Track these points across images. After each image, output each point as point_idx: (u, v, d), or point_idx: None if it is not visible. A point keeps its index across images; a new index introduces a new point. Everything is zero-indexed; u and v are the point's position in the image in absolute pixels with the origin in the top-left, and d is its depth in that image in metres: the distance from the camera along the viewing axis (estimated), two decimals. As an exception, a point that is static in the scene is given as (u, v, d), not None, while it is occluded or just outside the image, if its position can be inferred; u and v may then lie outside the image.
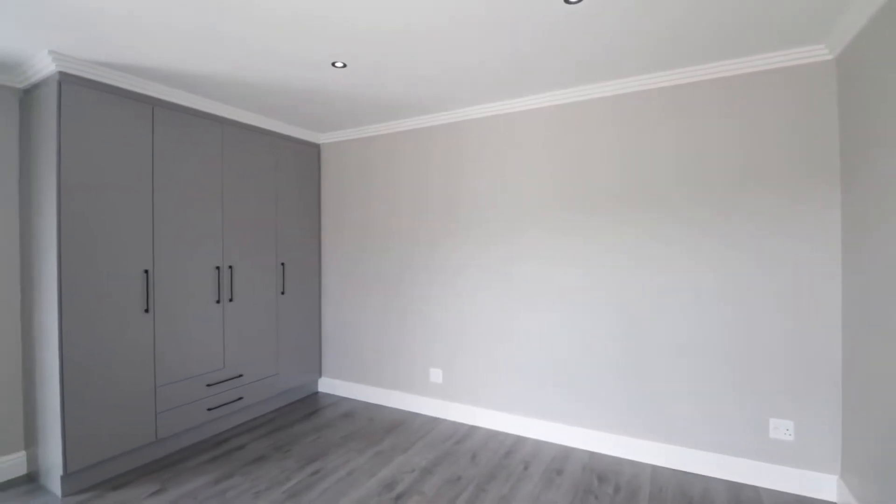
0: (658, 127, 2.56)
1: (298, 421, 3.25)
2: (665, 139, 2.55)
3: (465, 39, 2.10)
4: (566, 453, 2.71)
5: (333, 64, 2.37)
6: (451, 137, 3.25)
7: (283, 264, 3.51)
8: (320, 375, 3.90)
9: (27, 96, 2.44)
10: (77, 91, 2.28)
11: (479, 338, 3.14)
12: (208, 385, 2.92)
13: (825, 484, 2.18)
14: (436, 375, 3.32)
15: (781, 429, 2.27)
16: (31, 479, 2.42)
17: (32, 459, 2.44)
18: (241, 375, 3.14)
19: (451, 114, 3.20)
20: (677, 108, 2.51)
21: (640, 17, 1.90)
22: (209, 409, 2.92)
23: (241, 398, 3.13)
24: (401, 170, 3.49)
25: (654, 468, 2.52)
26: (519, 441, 2.89)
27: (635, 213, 2.62)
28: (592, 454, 2.70)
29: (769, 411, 2.31)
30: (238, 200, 3.14)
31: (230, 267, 3.07)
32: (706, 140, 2.45)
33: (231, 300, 3.08)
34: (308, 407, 3.53)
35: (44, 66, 2.24)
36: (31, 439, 2.44)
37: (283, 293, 3.50)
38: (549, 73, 2.50)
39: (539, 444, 2.83)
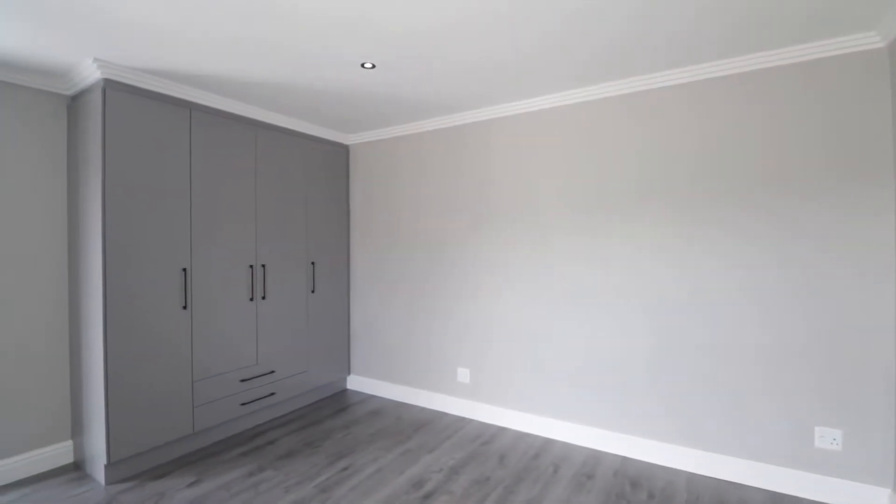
0: (694, 124, 2.47)
1: (328, 417, 3.30)
2: (700, 136, 2.45)
3: (491, 34, 2.08)
4: (597, 457, 2.66)
5: (363, 65, 2.39)
6: (479, 136, 3.24)
7: (313, 263, 3.57)
8: (349, 373, 3.95)
9: (74, 103, 2.56)
10: (120, 96, 2.38)
11: (506, 338, 3.12)
12: (242, 380, 3.00)
13: (876, 497, 2.06)
14: (463, 375, 3.31)
15: (828, 438, 2.16)
16: (77, 468, 2.55)
17: (79, 448, 2.56)
18: (273, 372, 3.21)
19: (478, 112, 3.18)
20: (710, 105, 2.42)
21: (671, 5, 1.84)
22: (243, 404, 3.00)
23: (273, 394, 3.20)
24: (428, 170, 3.49)
25: (690, 475, 2.44)
26: (548, 443, 2.85)
27: (666, 214, 2.54)
28: (625, 459, 2.63)
29: (814, 419, 2.19)
30: (270, 200, 3.21)
31: (263, 266, 3.15)
32: (742, 139, 2.35)
33: (264, 298, 3.15)
34: (337, 404, 3.58)
35: (89, 74, 2.35)
36: (77, 429, 2.57)
37: (313, 292, 3.56)
38: (575, 68, 2.45)
39: (569, 447, 2.78)
